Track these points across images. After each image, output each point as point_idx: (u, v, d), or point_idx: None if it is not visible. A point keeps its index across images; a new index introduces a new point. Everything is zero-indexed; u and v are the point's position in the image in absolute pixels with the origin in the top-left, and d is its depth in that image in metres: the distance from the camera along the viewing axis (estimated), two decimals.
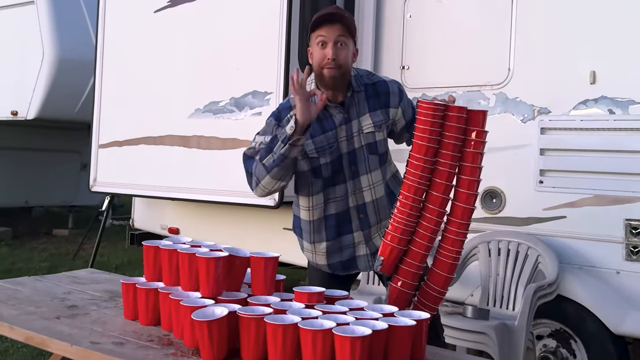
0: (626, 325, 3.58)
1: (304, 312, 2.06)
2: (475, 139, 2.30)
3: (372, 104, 2.64)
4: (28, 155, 8.96)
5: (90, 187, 5.39)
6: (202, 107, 4.64)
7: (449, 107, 2.28)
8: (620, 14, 3.66)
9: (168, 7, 4.84)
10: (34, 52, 7.31)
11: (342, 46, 2.51)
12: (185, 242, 2.49)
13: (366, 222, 2.71)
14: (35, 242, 9.29)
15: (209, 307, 2.06)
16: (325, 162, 2.61)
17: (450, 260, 2.36)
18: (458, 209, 2.34)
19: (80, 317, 2.43)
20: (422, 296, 2.42)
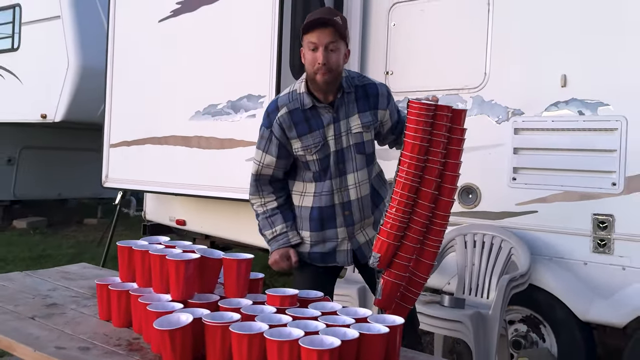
0: (592, 313, 3.32)
1: (273, 317, 1.66)
2: (459, 137, 2.10)
3: (362, 105, 2.36)
4: (58, 154, 8.83)
5: (103, 183, 5.09)
6: (201, 110, 4.33)
7: (439, 107, 2.05)
8: (589, 22, 3.34)
9: (171, 17, 4.53)
10: (60, 62, 7.13)
11: (333, 50, 2.22)
12: (162, 242, 2.10)
13: (350, 219, 2.42)
14: (67, 230, 9.01)
15: (174, 313, 1.66)
16: (312, 159, 2.36)
17: (435, 250, 2.19)
18: (442, 203, 2.13)
19: (56, 317, 2.04)
20: (409, 284, 2.21)
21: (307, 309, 1.76)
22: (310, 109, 2.32)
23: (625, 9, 3.22)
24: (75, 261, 6.85)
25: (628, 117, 3.18)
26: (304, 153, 2.34)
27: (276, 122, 2.35)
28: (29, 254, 7.19)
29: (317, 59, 2.20)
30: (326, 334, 1.53)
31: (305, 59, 2.27)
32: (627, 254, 3.19)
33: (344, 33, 2.24)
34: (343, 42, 2.25)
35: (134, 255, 1.98)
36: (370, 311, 1.76)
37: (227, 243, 5.32)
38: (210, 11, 4.29)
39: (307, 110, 2.32)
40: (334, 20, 2.21)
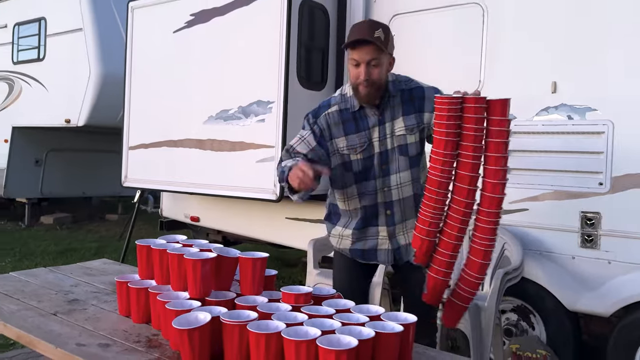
0: (580, 303, 3.25)
1: (289, 316, 1.53)
2: (497, 128, 1.82)
3: (407, 108, 2.19)
4: (81, 155, 8.70)
5: (122, 182, 4.95)
6: (214, 115, 4.19)
7: (466, 99, 1.81)
8: (577, 33, 3.23)
9: (185, 28, 4.39)
10: (82, 71, 7.03)
11: (375, 65, 2.07)
12: (179, 240, 1.96)
13: (392, 219, 2.25)
14: (90, 225, 8.88)
15: (192, 312, 1.53)
16: (356, 159, 2.19)
17: (483, 248, 1.92)
18: (485, 199, 1.88)
19: (77, 313, 1.91)
20: (462, 282, 2.01)
21: (321, 307, 1.63)
22: (358, 110, 2.18)
23: (611, 22, 3.11)
24: (98, 253, 6.76)
25: (614, 121, 3.08)
26: (348, 152, 2.19)
27: (324, 116, 2.20)
28: (56, 247, 7.07)
29: (360, 74, 2.07)
30: (342, 332, 1.40)
31: (349, 70, 2.15)
32: (612, 249, 3.11)
33: (386, 45, 2.07)
34: (385, 55, 2.09)
35: (152, 254, 1.85)
36: (383, 309, 1.63)
37: (238, 238, 5.21)
38: (222, 22, 4.15)
39: (356, 112, 2.18)
40: (374, 38, 2.03)
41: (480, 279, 1.97)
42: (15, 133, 8.06)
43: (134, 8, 4.83)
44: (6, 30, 8.18)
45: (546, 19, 3.31)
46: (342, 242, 2.33)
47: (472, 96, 1.82)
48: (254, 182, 3.89)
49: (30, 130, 8.04)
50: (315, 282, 3.70)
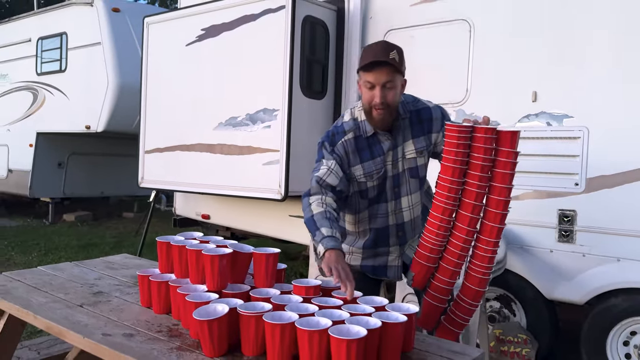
0: (557, 292, 3.25)
1: (301, 307, 1.49)
2: (504, 159, 1.67)
3: (416, 131, 1.98)
4: (100, 158, 8.63)
5: (139, 183, 4.89)
6: (224, 122, 4.15)
7: (477, 129, 1.67)
8: (556, 48, 3.20)
9: (197, 42, 4.35)
10: (101, 81, 6.97)
11: (390, 88, 1.85)
12: (196, 237, 1.92)
13: (403, 238, 2.09)
14: (109, 222, 8.79)
15: (211, 303, 1.49)
16: (372, 185, 1.99)
17: (480, 275, 1.77)
18: (486, 227, 1.74)
19: (102, 304, 1.86)
20: (456, 308, 1.86)
21: (330, 298, 1.59)
22: (372, 136, 1.96)
23: (588, 37, 3.09)
24: (117, 248, 6.70)
25: (589, 127, 3.07)
26: (365, 180, 1.98)
27: (341, 144, 1.96)
28: (77, 242, 7.00)
29: (374, 97, 1.85)
30: (351, 323, 1.37)
31: (362, 93, 1.92)
32: (587, 243, 3.10)
33: (400, 67, 1.86)
34: (399, 76, 1.87)
35: (172, 250, 1.80)
36: (387, 300, 1.59)
37: (245, 234, 5.17)
38: (231, 37, 4.11)
39: (369, 138, 1.97)
40: (389, 59, 1.82)
41: (475, 306, 1.83)
42: (39, 138, 8.02)
43: (149, 23, 4.78)
44: (30, 44, 8.13)
45: (528, 34, 3.29)
46: (352, 258, 2.12)
47: (483, 126, 1.67)
48: (261, 183, 3.85)
49: (53, 136, 7.99)
50: (318, 274, 3.66)
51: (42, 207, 9.19)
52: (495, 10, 3.42)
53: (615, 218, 3.00)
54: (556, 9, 3.20)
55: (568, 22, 3.16)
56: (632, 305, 3.01)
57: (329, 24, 4.00)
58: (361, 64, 1.87)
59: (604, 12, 3.04)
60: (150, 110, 4.77)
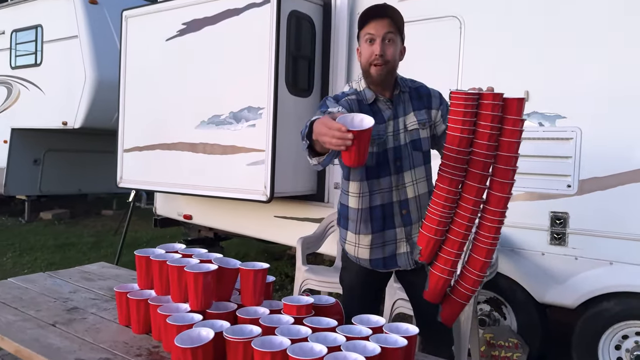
0: (548, 296, 3.19)
1: (292, 330, 1.38)
2: (511, 127, 1.61)
3: (416, 104, 1.95)
4: (78, 155, 8.38)
5: (118, 183, 4.72)
6: (206, 120, 4.00)
7: (483, 95, 1.59)
8: (548, 47, 3.13)
9: (177, 36, 4.18)
10: (78, 76, 6.73)
11: (390, 42, 1.82)
12: (179, 250, 1.79)
13: (408, 218, 1.97)
14: (87, 220, 8.57)
15: (194, 327, 1.37)
16: (370, 151, 1.86)
17: (487, 246, 1.71)
18: (493, 197, 1.68)
19: (76, 322, 1.73)
20: (462, 280, 1.81)
21: (323, 318, 1.49)
22: (372, 103, 1.91)
23: (581, 36, 3.03)
24: (95, 248, 6.52)
25: (582, 128, 3.00)
26: None
27: (345, 101, 1.89)
28: (54, 242, 6.79)
29: (374, 51, 1.81)
30: (347, 348, 1.26)
31: (361, 55, 1.87)
32: (579, 246, 3.04)
33: (401, 26, 1.84)
34: (399, 36, 1.85)
35: (151, 265, 1.68)
36: (384, 319, 1.49)
37: (228, 234, 5.05)
38: (213, 31, 3.96)
39: (371, 105, 1.91)
40: (391, 9, 1.81)
41: (482, 277, 1.77)
42: (14, 134, 7.75)
43: (128, 17, 4.60)
44: (4, 36, 7.84)
45: (520, 31, 3.21)
46: (359, 251, 2.00)
47: (490, 92, 1.59)
48: (245, 184, 3.73)
49: (28, 132, 7.73)
50: (304, 278, 3.57)
51: (17, 205, 8.92)
52: (486, 8, 3.33)
53: (608, 221, 2.95)
54: (548, 7, 3.13)
55: (561, 20, 3.09)
56: (624, 309, 2.97)
57: (315, 20, 3.88)
58: (361, 17, 1.83)
59: (597, 11, 2.98)
60: (129, 107, 4.59)
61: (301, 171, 3.87)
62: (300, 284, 3.60)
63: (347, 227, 2.03)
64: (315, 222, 3.99)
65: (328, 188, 3.94)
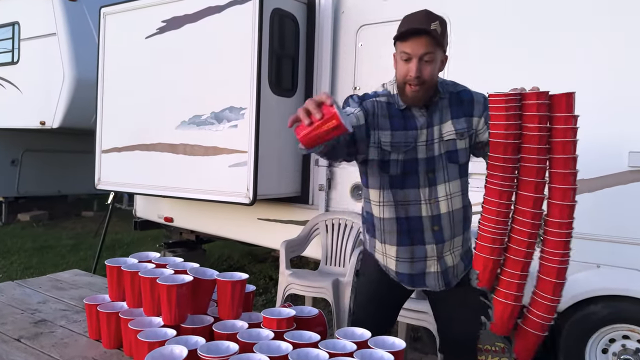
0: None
1: (272, 345, 1.30)
2: (563, 126, 1.45)
3: (455, 112, 1.78)
4: (56, 155, 8.17)
5: (96, 185, 4.57)
6: (187, 120, 3.89)
7: (526, 95, 1.45)
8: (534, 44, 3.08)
9: (157, 34, 4.06)
10: (56, 74, 6.53)
11: (429, 62, 1.65)
12: (152, 259, 1.70)
13: (440, 235, 1.80)
14: (67, 222, 8.37)
15: (167, 345, 1.28)
16: (395, 159, 1.75)
17: (557, 265, 1.53)
18: (555, 207, 1.50)
19: (44, 337, 1.62)
20: (533, 306, 1.60)
21: (305, 332, 1.41)
22: (405, 109, 1.76)
23: (567, 34, 2.98)
24: (74, 251, 6.35)
25: None
26: (390, 149, 1.74)
27: (371, 102, 1.75)
28: (32, 244, 6.62)
29: (410, 71, 1.64)
30: None
31: (396, 66, 1.72)
32: None
33: (442, 41, 1.66)
34: (440, 50, 1.67)
35: (123, 276, 1.58)
36: (369, 333, 1.41)
37: (210, 237, 4.94)
38: (194, 29, 3.84)
39: (403, 110, 1.76)
40: (431, 29, 1.62)
41: (557, 301, 1.56)
42: None
43: (106, 14, 4.46)
44: None
45: (507, 28, 3.16)
46: (388, 261, 1.87)
47: (533, 92, 1.44)
48: (228, 186, 3.63)
49: (5, 132, 7.50)
50: (288, 282, 3.49)
51: None
52: (472, 7, 3.28)
53: (596, 223, 2.91)
54: (534, 6, 3.08)
55: (546, 20, 3.05)
56: (611, 313, 2.94)
57: (299, 18, 3.79)
58: (398, 32, 1.66)
59: (583, 11, 2.94)
60: (107, 107, 4.46)
61: (285, 173, 3.78)
62: (284, 289, 3.52)
63: (374, 235, 1.89)
64: (299, 224, 3.91)
65: (312, 190, 3.86)
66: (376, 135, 1.74)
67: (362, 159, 1.78)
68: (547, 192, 1.53)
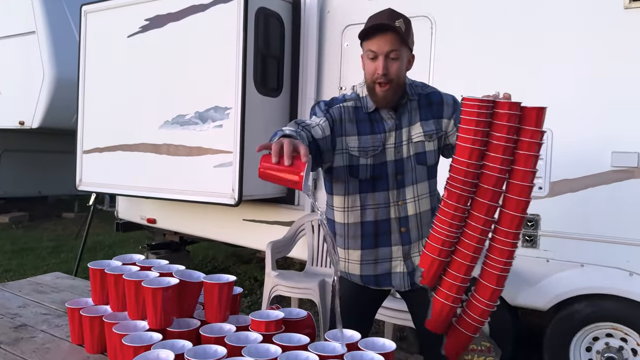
0: (520, 299, 3.16)
1: (261, 349, 1.28)
2: (529, 140, 1.44)
3: (424, 113, 1.79)
4: (37, 155, 8.04)
5: (77, 186, 4.49)
6: (170, 120, 3.84)
7: (498, 104, 1.44)
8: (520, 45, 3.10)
9: (140, 33, 4.01)
10: (36, 73, 6.43)
11: (395, 59, 1.67)
12: (136, 262, 1.66)
13: (407, 237, 1.81)
14: (47, 223, 8.22)
15: (153, 349, 1.25)
16: (364, 164, 1.75)
17: (498, 272, 1.54)
18: (506, 217, 1.50)
19: (24, 342, 1.57)
20: (469, 309, 1.63)
21: (294, 335, 1.39)
22: (373, 112, 1.76)
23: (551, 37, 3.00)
24: (55, 253, 6.24)
25: (553, 130, 2.97)
26: (358, 154, 1.74)
27: (338, 108, 1.76)
28: (11, 247, 6.48)
29: (377, 69, 1.66)
30: None
31: (364, 67, 1.73)
32: (551, 248, 3.02)
33: (407, 38, 1.68)
34: (406, 48, 1.69)
35: (106, 279, 1.54)
36: (359, 334, 1.40)
37: (194, 238, 4.89)
38: (178, 28, 3.80)
39: (370, 113, 1.77)
40: (395, 25, 1.64)
41: (492, 307, 1.59)
42: None
43: (87, 12, 4.39)
44: None
45: (491, 31, 3.18)
46: (350, 266, 1.86)
47: (506, 101, 1.44)
48: (212, 186, 3.59)
49: None
50: (274, 284, 3.47)
51: None
52: (457, 8, 3.29)
53: (579, 223, 2.94)
54: (519, 6, 3.10)
55: (532, 20, 3.07)
56: (595, 311, 2.97)
57: (284, 17, 3.77)
58: (363, 30, 1.67)
59: (569, 11, 2.96)
60: (88, 106, 4.38)
61: None
62: (269, 290, 3.49)
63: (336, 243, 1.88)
64: (285, 225, 3.88)
65: (298, 191, 3.83)
66: (343, 142, 1.75)
67: (327, 167, 1.79)
68: None
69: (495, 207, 1.51)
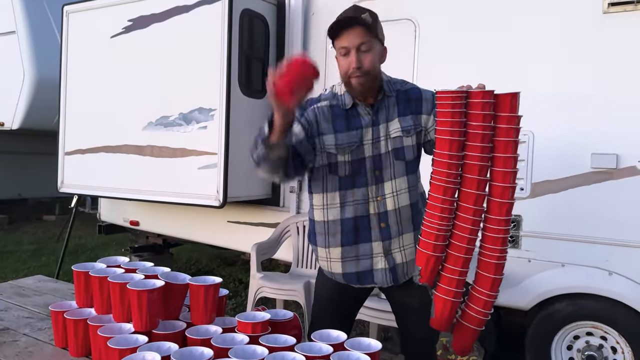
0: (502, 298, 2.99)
1: (247, 350, 1.28)
2: (506, 126, 1.46)
3: (402, 109, 1.79)
4: (17, 157, 7.90)
5: (59, 188, 4.44)
6: (154, 121, 3.82)
7: (472, 94, 1.46)
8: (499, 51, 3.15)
9: (123, 34, 3.98)
10: (16, 74, 6.35)
11: (366, 51, 1.67)
12: (121, 264, 1.65)
13: (387, 232, 1.81)
14: (27, 226, 8.10)
15: (139, 352, 1.25)
16: (343, 160, 1.77)
17: (494, 261, 1.54)
18: (494, 205, 1.52)
19: (6, 346, 1.56)
20: (471, 302, 1.61)
21: (280, 336, 1.39)
22: (351, 108, 1.78)
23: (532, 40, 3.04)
24: (35, 256, 6.15)
25: (534, 132, 3.02)
26: (336, 152, 1.77)
27: (312, 110, 1.79)
28: None
29: (351, 63, 1.67)
30: None
31: (339, 66, 1.74)
32: (532, 248, 3.06)
33: (376, 29, 1.68)
34: (376, 40, 1.70)
35: (91, 282, 1.53)
36: (344, 335, 1.41)
37: (178, 240, 4.85)
38: (162, 29, 3.78)
39: (348, 110, 1.78)
40: (361, 18, 1.65)
41: (494, 297, 1.58)
42: None
43: (69, 12, 4.34)
44: None
45: (473, 35, 3.22)
46: (332, 265, 1.87)
47: (479, 90, 1.46)
48: (197, 188, 3.58)
49: None
50: (259, 285, 3.46)
51: None
52: (441, 11, 3.33)
53: (560, 223, 2.99)
54: (501, 9, 3.14)
55: (513, 23, 3.11)
56: (575, 310, 3.01)
57: (269, 19, 3.77)
58: (330, 28, 1.69)
59: (550, 15, 3.01)
60: (70, 107, 4.33)
61: (255, 175, 3.74)
62: (254, 292, 3.49)
63: (316, 243, 1.90)
64: (270, 227, 3.88)
65: (283, 192, 3.84)
66: (320, 141, 1.78)
67: (310, 168, 1.81)
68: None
69: (483, 196, 1.52)
